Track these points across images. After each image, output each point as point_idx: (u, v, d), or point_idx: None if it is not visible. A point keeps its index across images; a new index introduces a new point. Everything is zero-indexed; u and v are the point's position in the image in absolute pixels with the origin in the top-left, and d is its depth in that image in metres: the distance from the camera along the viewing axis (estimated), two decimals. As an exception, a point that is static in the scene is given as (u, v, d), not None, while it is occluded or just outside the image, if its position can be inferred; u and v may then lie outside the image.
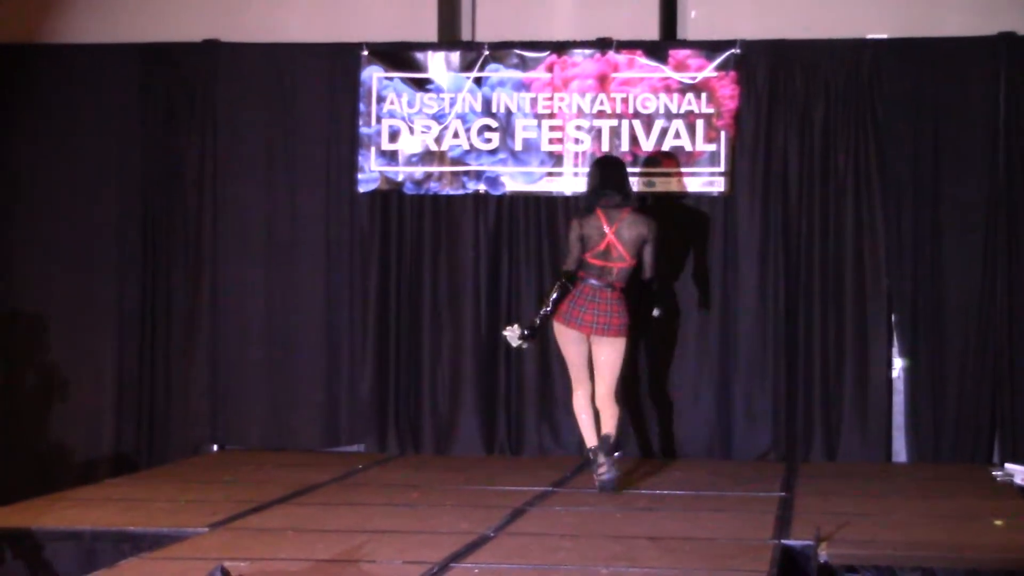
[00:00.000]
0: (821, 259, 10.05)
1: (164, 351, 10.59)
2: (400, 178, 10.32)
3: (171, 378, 10.58)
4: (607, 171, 8.83)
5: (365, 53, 10.34)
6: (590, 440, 8.69)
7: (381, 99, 10.32)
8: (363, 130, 10.34)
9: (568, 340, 8.70)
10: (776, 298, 10.07)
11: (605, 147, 10.08)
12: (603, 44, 10.18)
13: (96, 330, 10.62)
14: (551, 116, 10.19)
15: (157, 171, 10.62)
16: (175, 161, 10.61)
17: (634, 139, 10.10)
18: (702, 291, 10.06)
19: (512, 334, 8.76)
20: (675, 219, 10.06)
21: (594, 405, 8.71)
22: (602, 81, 10.15)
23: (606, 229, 8.61)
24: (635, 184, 9.85)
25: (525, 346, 8.90)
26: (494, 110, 10.24)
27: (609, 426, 8.64)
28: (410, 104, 10.30)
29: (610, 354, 8.66)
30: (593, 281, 8.59)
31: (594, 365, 8.71)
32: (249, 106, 10.55)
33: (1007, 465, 9.29)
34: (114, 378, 10.59)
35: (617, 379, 8.73)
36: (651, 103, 10.10)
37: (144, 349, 10.59)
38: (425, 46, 10.36)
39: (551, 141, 10.18)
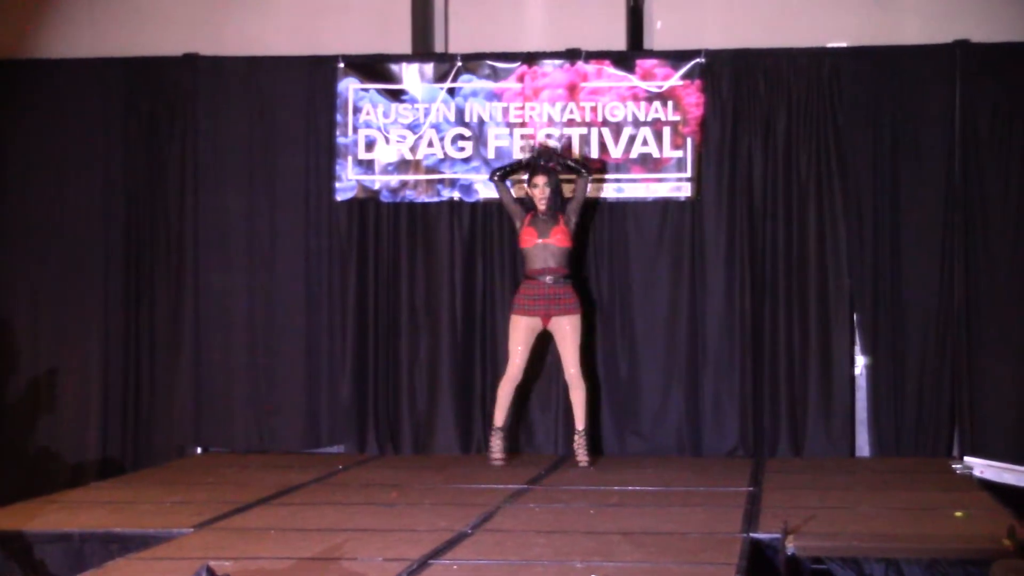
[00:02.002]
0: (785, 261, 10.12)
1: (148, 356, 10.61)
2: (376, 186, 10.40)
3: (156, 383, 10.60)
4: None
5: (341, 65, 10.40)
6: None
7: (357, 110, 10.38)
8: (340, 140, 10.40)
9: None
10: (742, 299, 10.12)
11: (575, 155, 10.17)
12: (572, 54, 10.25)
13: (82, 337, 10.63)
14: (522, 125, 10.27)
15: (140, 182, 10.65)
16: (158, 171, 10.63)
17: (603, 146, 10.19)
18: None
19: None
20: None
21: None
22: (571, 90, 10.23)
23: None
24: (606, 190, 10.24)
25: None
26: (467, 119, 10.31)
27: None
28: (385, 114, 10.37)
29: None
30: None
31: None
32: (229, 117, 10.57)
33: (966, 458, 9.41)
34: (100, 383, 10.59)
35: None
36: (619, 111, 10.19)
37: (129, 355, 10.61)
38: (399, 58, 10.41)
39: (523, 149, 10.23)
